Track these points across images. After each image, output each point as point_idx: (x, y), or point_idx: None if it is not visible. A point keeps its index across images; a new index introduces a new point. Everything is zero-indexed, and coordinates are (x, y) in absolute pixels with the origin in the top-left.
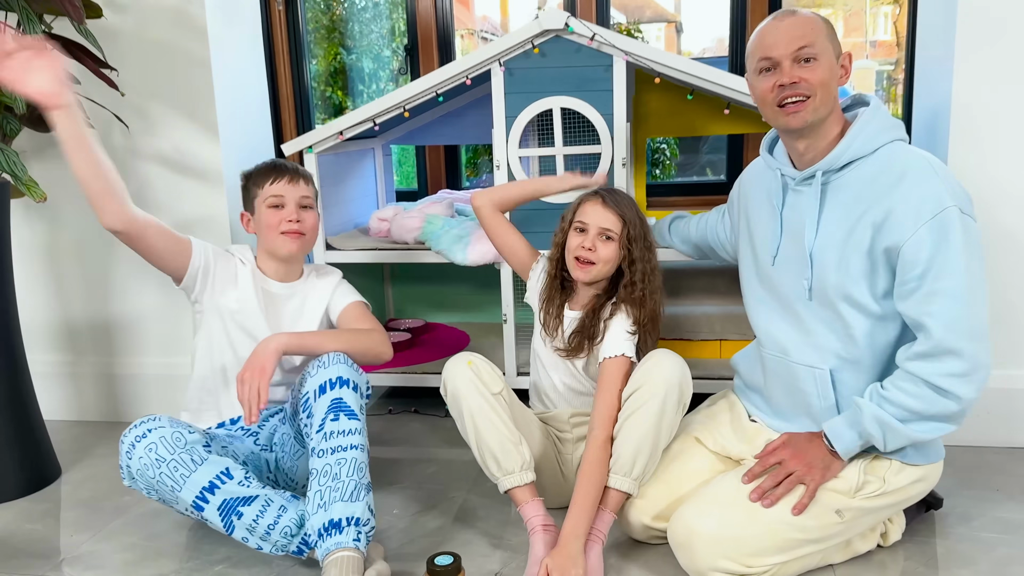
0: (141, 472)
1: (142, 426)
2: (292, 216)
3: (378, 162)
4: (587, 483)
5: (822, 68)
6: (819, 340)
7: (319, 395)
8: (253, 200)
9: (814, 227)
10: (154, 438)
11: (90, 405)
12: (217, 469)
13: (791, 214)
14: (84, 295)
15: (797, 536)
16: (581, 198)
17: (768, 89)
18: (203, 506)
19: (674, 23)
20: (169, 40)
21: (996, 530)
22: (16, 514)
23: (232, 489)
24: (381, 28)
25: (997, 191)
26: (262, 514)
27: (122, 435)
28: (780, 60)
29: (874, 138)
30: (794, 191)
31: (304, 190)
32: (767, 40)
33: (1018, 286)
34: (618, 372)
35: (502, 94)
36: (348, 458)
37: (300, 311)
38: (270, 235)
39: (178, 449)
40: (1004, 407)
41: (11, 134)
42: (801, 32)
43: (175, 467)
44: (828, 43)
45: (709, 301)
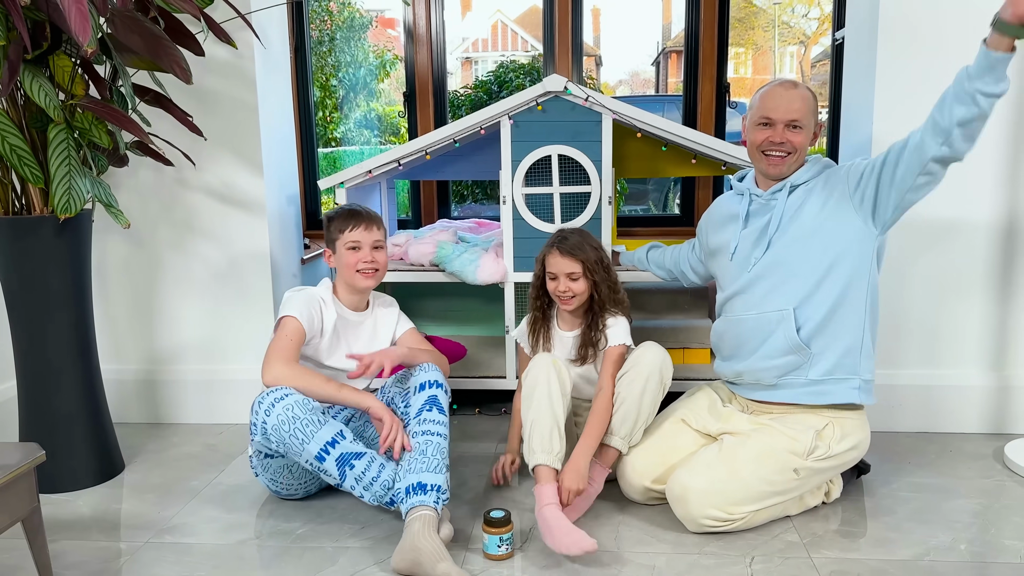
0: (276, 427)
1: (279, 391)
2: (367, 258)
3: (383, 194)
4: (596, 421)
5: (803, 135)
6: (776, 295)
7: (419, 391)
8: (335, 242)
9: (777, 222)
10: (291, 401)
11: (133, 409)
12: (335, 430)
13: (756, 219)
14: (130, 306)
15: (766, 489)
16: (544, 252)
17: (761, 140)
18: (325, 457)
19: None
20: (222, 89)
21: (910, 490)
22: (100, 497)
23: (346, 446)
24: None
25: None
26: (368, 468)
27: (257, 399)
28: (776, 122)
29: (821, 169)
30: (761, 204)
31: (376, 234)
32: (770, 103)
33: (924, 301)
34: (619, 356)
35: (509, 142)
36: (435, 441)
37: (374, 334)
38: (349, 272)
39: (307, 411)
40: (914, 400)
41: (101, 169)
42: (798, 107)
43: (306, 424)
44: (812, 117)
45: (672, 316)
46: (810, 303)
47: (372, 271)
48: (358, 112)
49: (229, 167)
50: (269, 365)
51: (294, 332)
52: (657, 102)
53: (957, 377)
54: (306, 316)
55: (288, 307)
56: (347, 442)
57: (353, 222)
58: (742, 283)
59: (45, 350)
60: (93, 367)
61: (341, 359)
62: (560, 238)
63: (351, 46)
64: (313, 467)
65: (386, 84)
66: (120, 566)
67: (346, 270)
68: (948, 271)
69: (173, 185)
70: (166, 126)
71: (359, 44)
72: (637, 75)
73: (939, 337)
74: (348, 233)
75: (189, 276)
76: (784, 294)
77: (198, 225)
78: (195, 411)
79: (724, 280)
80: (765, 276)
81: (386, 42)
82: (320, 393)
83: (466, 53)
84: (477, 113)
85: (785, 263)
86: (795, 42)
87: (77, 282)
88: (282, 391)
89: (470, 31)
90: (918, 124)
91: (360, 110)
